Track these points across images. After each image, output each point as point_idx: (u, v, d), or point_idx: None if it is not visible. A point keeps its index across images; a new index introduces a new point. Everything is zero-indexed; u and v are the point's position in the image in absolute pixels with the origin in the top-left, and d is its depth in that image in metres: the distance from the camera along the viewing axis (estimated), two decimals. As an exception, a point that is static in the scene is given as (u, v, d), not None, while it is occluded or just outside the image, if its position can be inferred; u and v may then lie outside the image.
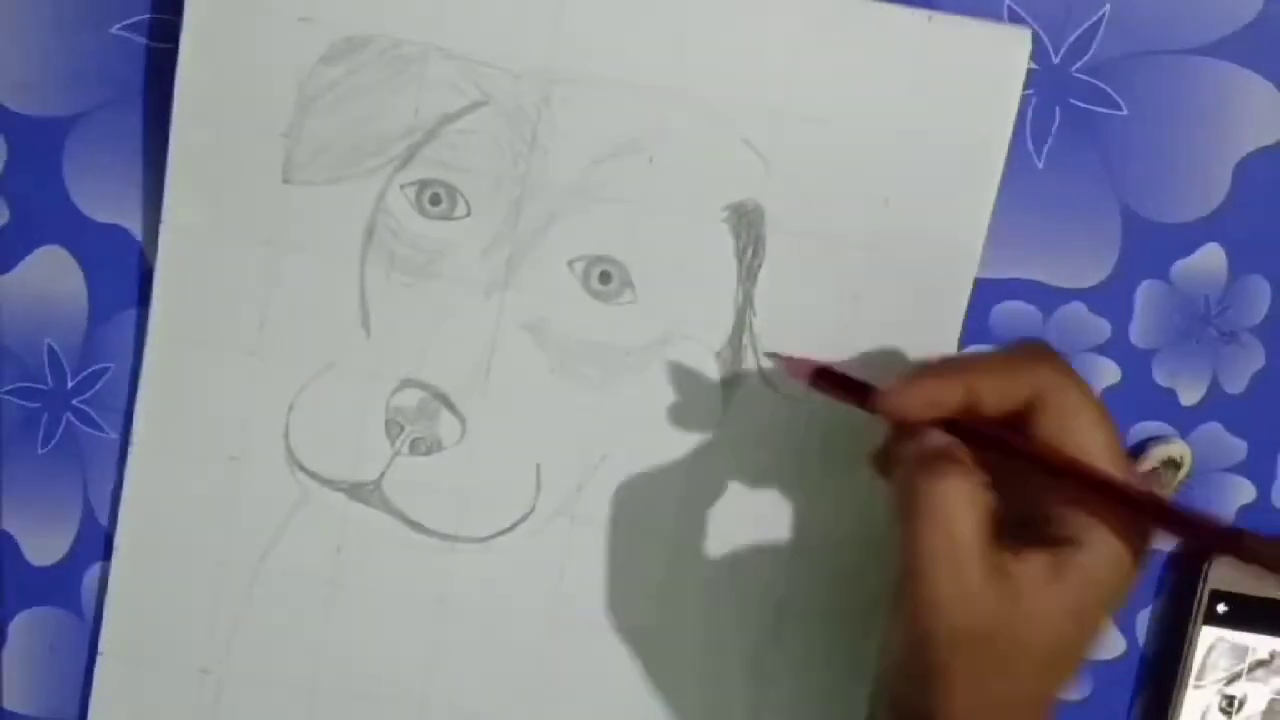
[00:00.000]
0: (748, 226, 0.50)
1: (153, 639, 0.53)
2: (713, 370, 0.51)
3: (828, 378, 0.47)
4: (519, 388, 0.51)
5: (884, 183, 0.50)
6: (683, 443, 0.52)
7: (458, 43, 0.50)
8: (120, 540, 0.53)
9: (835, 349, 0.51)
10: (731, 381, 0.51)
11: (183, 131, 0.50)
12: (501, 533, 0.52)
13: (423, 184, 0.50)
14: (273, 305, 0.51)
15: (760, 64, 0.50)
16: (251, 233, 0.51)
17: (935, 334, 0.51)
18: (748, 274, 0.51)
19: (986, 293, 0.52)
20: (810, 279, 0.51)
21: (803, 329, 0.51)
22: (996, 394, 0.42)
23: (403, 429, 0.51)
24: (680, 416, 0.52)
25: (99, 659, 0.53)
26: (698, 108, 0.50)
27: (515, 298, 0.51)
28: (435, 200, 0.50)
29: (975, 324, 0.53)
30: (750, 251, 0.51)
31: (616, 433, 0.52)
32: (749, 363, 0.51)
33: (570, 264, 0.51)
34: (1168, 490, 0.53)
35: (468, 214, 0.51)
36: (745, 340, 0.51)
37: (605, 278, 0.51)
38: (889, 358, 0.51)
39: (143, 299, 0.52)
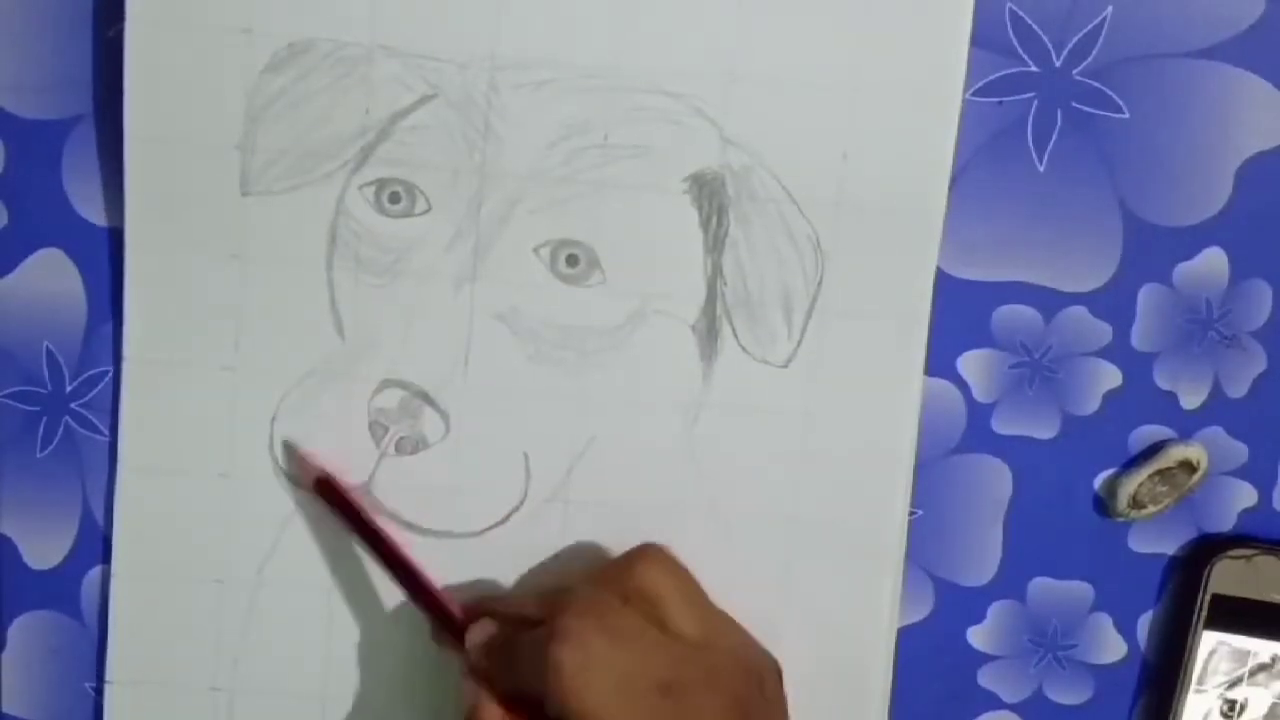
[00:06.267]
0: (709, 196, 0.51)
1: (160, 662, 0.53)
2: (689, 343, 0.51)
3: (329, 492, 0.51)
4: (498, 378, 0.51)
5: (840, 136, 0.50)
6: (667, 417, 0.52)
7: (401, 38, 0.49)
8: (118, 566, 0.53)
9: (809, 310, 0.51)
10: (710, 352, 0.51)
11: (137, 151, 0.50)
12: (496, 524, 0.53)
13: (381, 183, 0.50)
14: (245, 318, 0.51)
15: (706, 30, 0.50)
16: (216, 248, 0.51)
17: (907, 286, 0.51)
18: (714, 243, 0.51)
19: (988, 296, 0.52)
20: (777, 241, 0.51)
21: (774, 293, 0.51)
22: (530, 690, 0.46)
23: (387, 430, 0.51)
24: (662, 391, 0.52)
25: (108, 688, 0.53)
26: (647, 80, 0.50)
27: (485, 289, 0.51)
28: (395, 198, 0.50)
29: (977, 327, 0.53)
30: (714, 220, 0.51)
31: (600, 414, 0.52)
32: (725, 332, 0.51)
33: (536, 250, 0.51)
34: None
35: (428, 209, 0.51)
36: (719, 310, 0.51)
37: (572, 261, 0.51)
38: (862, 315, 0.51)
39: (141, 303, 0.52)
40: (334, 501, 0.51)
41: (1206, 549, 0.54)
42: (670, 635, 0.47)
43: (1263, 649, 0.54)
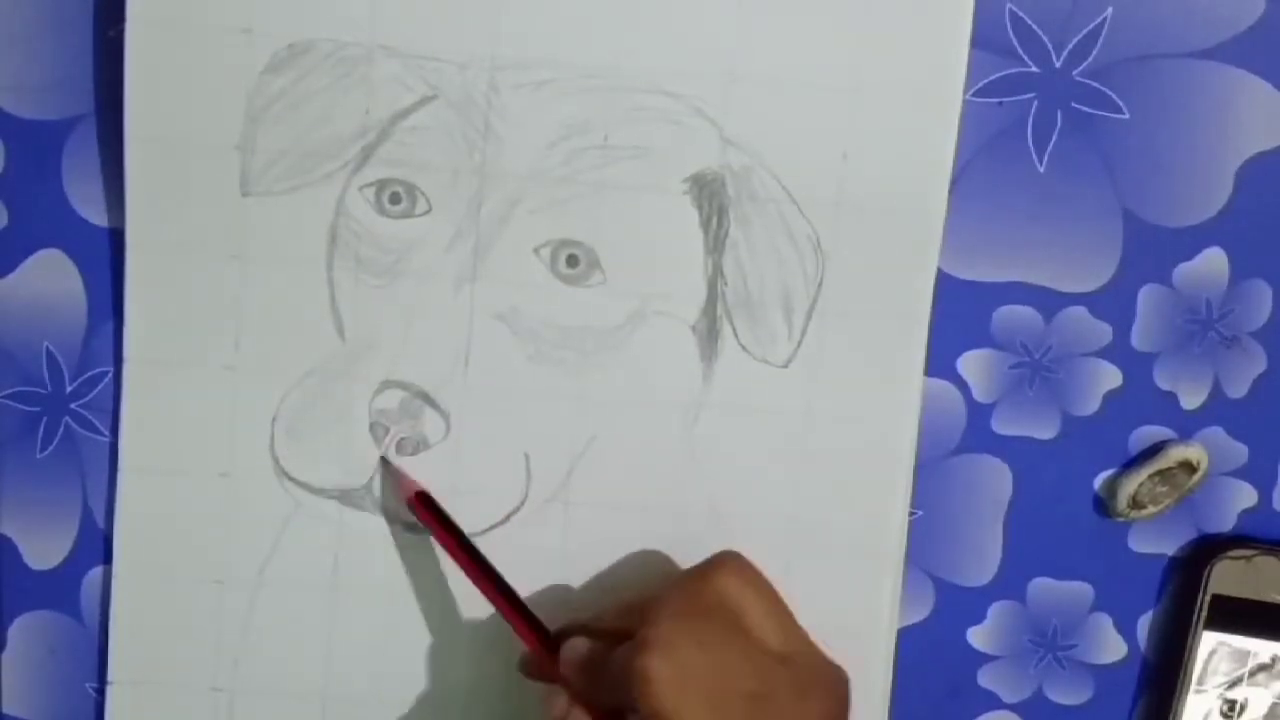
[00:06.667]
0: (709, 196, 0.51)
1: (161, 663, 0.53)
2: (690, 343, 0.52)
3: (428, 508, 0.50)
4: (499, 378, 0.52)
5: (840, 137, 0.50)
6: (668, 417, 0.52)
7: (401, 39, 0.50)
8: (118, 566, 0.53)
9: (809, 310, 0.51)
10: (710, 353, 0.52)
11: (137, 152, 0.50)
12: (497, 525, 0.53)
13: (381, 184, 0.50)
14: (246, 319, 0.51)
15: (706, 30, 0.50)
16: (216, 248, 0.51)
17: (907, 286, 0.51)
18: (715, 244, 0.51)
19: (988, 296, 0.52)
20: (776, 242, 0.51)
21: (774, 294, 0.51)
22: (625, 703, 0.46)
23: (388, 430, 0.52)
24: (662, 391, 0.52)
25: (109, 689, 0.53)
26: (647, 80, 0.50)
27: (485, 289, 0.51)
28: (395, 199, 0.50)
29: (977, 327, 0.53)
30: (715, 221, 0.51)
31: (601, 414, 0.52)
32: (725, 332, 0.51)
33: (536, 250, 0.51)
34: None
35: (429, 210, 0.51)
36: (719, 310, 0.51)
37: (572, 261, 0.51)
38: (863, 315, 0.51)
39: (141, 303, 0.52)
40: (430, 518, 0.51)
41: (1206, 549, 0.54)
42: (755, 646, 0.47)
43: (1263, 649, 0.54)
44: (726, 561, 0.48)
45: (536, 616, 0.50)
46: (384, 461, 0.51)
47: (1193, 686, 0.54)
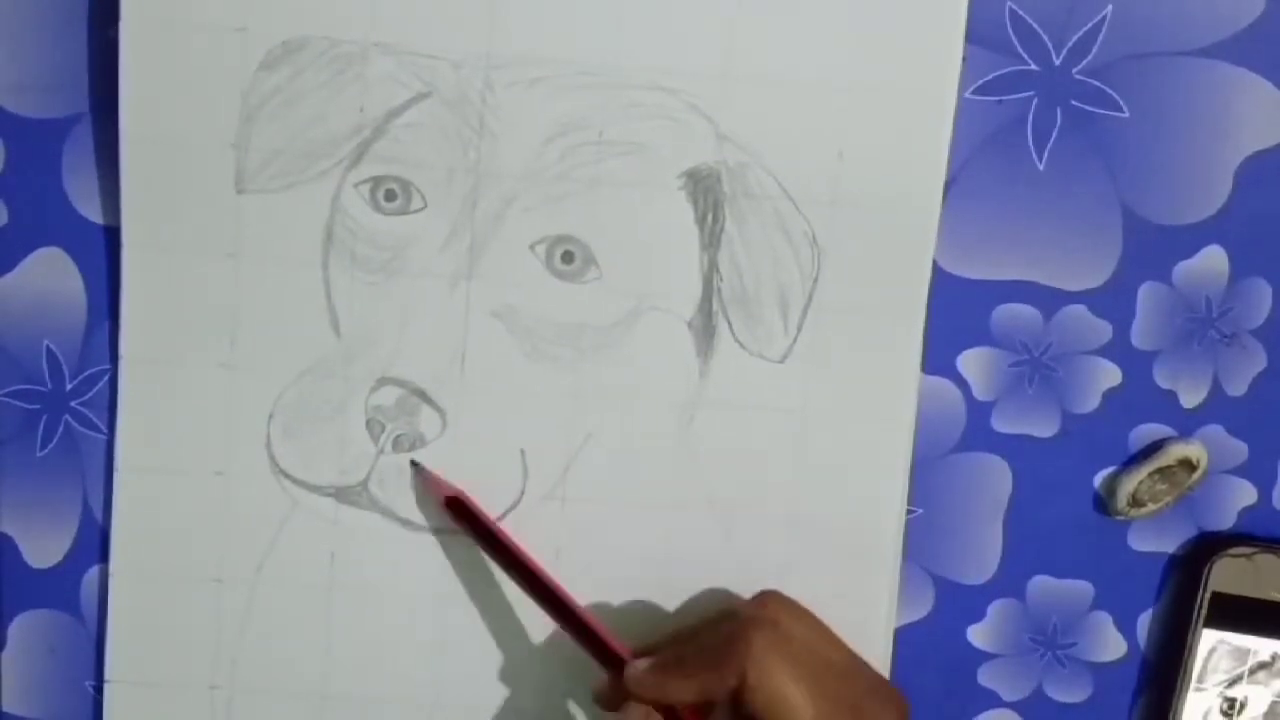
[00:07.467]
0: (705, 192, 0.51)
1: (159, 661, 0.54)
2: (685, 339, 0.52)
3: (460, 511, 0.51)
4: (495, 375, 0.52)
5: (836, 135, 0.50)
6: (664, 414, 0.52)
7: (395, 36, 0.50)
8: (116, 565, 0.53)
9: (805, 306, 0.51)
10: (706, 348, 0.52)
11: (132, 150, 0.50)
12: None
13: (376, 181, 0.51)
14: (241, 316, 0.51)
15: (702, 27, 0.50)
16: (212, 246, 0.51)
17: (903, 282, 0.51)
18: (710, 240, 0.51)
19: (987, 294, 0.52)
20: (772, 239, 0.51)
21: (770, 289, 0.51)
22: (716, 685, 0.47)
23: (384, 427, 0.52)
24: (659, 388, 0.52)
25: (107, 687, 0.54)
26: (643, 77, 0.50)
27: (481, 286, 0.51)
28: (390, 196, 0.51)
29: (976, 325, 0.53)
30: (710, 217, 0.51)
31: (597, 411, 0.52)
32: (721, 328, 0.51)
33: (532, 247, 0.51)
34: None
35: (424, 207, 0.51)
36: (715, 306, 0.51)
37: (568, 258, 0.51)
38: (858, 311, 0.51)
39: (141, 301, 0.52)
40: (468, 523, 0.51)
41: (1206, 547, 0.54)
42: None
43: (1262, 647, 0.54)
44: (772, 596, 0.50)
45: (589, 616, 0.50)
46: (414, 465, 0.52)
47: (1193, 684, 0.54)
